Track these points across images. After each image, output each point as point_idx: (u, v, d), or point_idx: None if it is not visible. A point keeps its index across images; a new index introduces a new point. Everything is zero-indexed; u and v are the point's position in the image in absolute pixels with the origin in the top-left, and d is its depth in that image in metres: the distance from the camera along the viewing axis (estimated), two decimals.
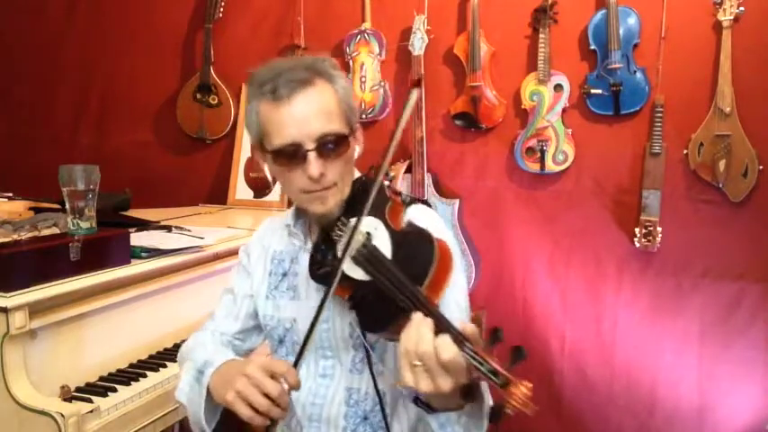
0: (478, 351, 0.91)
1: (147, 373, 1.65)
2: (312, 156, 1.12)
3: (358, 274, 1.09)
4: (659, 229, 2.38)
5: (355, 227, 1.09)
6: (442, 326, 0.94)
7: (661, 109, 2.36)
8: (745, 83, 2.27)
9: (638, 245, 2.42)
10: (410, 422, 1.26)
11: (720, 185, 2.32)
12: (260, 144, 1.20)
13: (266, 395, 1.04)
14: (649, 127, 2.40)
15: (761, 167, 2.27)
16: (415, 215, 1.21)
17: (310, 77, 1.14)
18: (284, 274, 1.32)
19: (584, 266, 2.56)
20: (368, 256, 1.08)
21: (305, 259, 1.26)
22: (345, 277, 1.10)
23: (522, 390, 0.88)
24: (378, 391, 1.22)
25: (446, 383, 0.91)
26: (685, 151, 2.37)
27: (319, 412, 1.25)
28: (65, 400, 1.44)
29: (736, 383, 2.38)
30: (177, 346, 1.82)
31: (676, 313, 2.45)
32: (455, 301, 1.16)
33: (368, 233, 1.11)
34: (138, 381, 1.60)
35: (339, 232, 1.15)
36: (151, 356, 1.75)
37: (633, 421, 2.53)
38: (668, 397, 2.47)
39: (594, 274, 2.55)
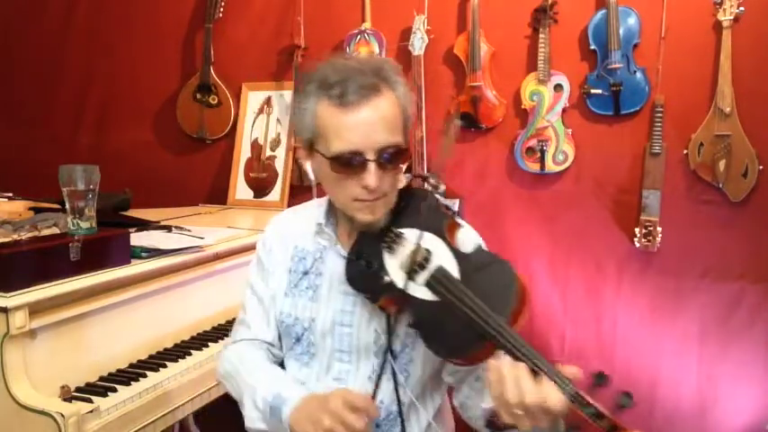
0: (580, 393, 0.91)
1: (147, 373, 1.64)
2: (372, 166, 1.11)
3: (422, 293, 1.08)
4: (659, 229, 2.38)
5: (417, 246, 1.07)
6: (538, 367, 0.94)
7: (661, 109, 2.36)
8: (745, 83, 2.27)
9: (638, 245, 2.42)
10: (420, 430, 1.26)
11: (720, 185, 2.32)
12: (311, 144, 1.17)
13: (352, 430, 1.05)
14: (649, 127, 2.40)
15: (761, 167, 2.27)
16: (468, 233, 1.21)
17: (378, 84, 1.12)
18: (305, 273, 1.29)
19: (584, 266, 2.56)
20: (439, 278, 1.07)
21: (332, 260, 1.25)
22: (398, 292, 1.09)
23: None
24: (399, 402, 1.21)
25: (546, 421, 0.93)
26: (685, 151, 2.37)
27: None
28: (65, 400, 1.44)
29: (736, 383, 2.38)
30: (177, 346, 1.84)
31: (676, 313, 2.45)
32: None
33: (427, 250, 1.10)
34: (138, 381, 1.60)
35: (393, 245, 1.14)
36: (151, 356, 1.75)
37: (633, 421, 2.52)
38: (668, 397, 2.47)
39: (594, 274, 2.55)
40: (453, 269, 1.09)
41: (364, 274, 1.15)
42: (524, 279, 1.05)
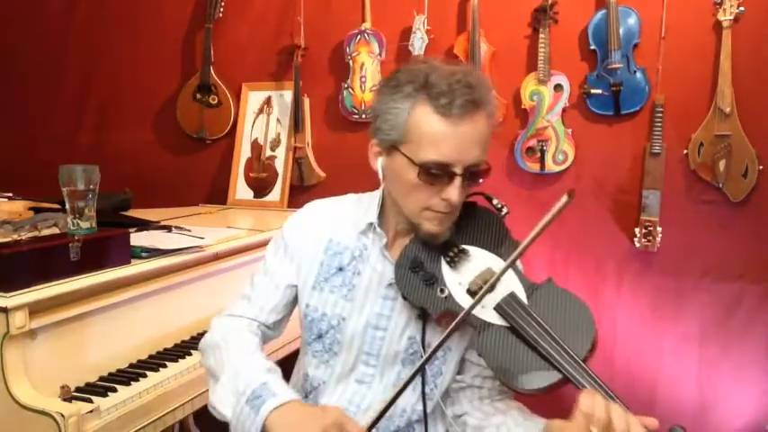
0: None
1: (147, 373, 1.64)
2: (458, 181, 1.11)
3: (489, 316, 1.06)
4: (659, 229, 2.38)
5: (497, 277, 1.05)
6: (624, 407, 0.94)
7: (661, 109, 2.36)
8: (745, 83, 2.27)
9: (638, 245, 2.42)
10: None
11: (720, 185, 2.32)
12: (394, 145, 1.14)
13: None
14: (649, 127, 2.40)
15: (761, 167, 2.27)
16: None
17: (481, 100, 1.11)
18: (340, 269, 1.25)
19: (584, 266, 2.56)
20: (513, 304, 1.06)
21: (376, 263, 1.23)
22: (458, 309, 1.08)
23: None
24: (425, 413, 1.19)
25: None
26: (685, 151, 2.37)
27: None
28: (65, 400, 1.44)
29: (736, 383, 2.38)
30: (177, 346, 1.84)
31: (676, 313, 2.45)
32: None
33: (497, 274, 1.07)
34: (138, 381, 1.60)
35: (454, 258, 1.13)
36: (151, 356, 1.75)
37: None
38: (668, 397, 2.47)
39: (594, 274, 2.55)
40: (523, 297, 1.08)
41: (419, 285, 1.13)
42: (594, 320, 1.03)
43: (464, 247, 1.14)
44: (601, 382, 0.97)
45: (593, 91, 2.45)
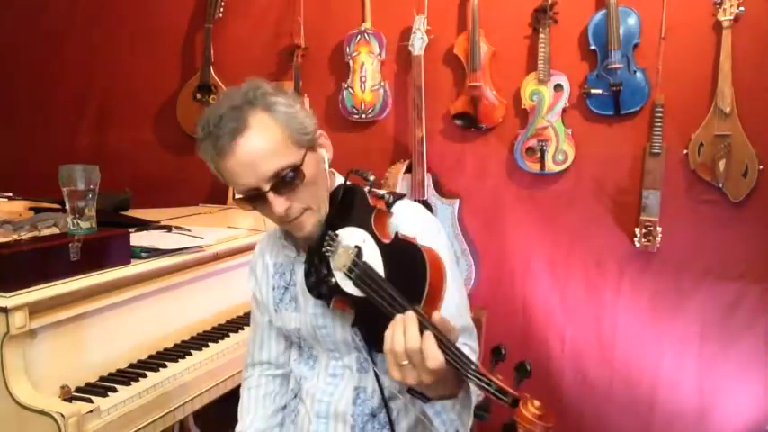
0: (484, 372, 0.91)
1: (147, 373, 1.64)
2: (271, 196, 1.13)
3: (354, 290, 1.10)
4: (659, 229, 2.38)
5: (339, 244, 1.09)
6: (441, 345, 0.93)
7: (661, 109, 2.36)
8: (745, 83, 2.27)
9: (638, 245, 2.42)
10: (414, 419, 1.27)
11: (720, 185, 2.32)
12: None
13: None
14: (649, 127, 2.40)
15: (761, 167, 2.27)
16: (402, 214, 1.19)
17: (244, 118, 1.11)
18: (286, 287, 1.34)
19: (584, 266, 2.56)
20: (360, 273, 1.07)
21: (300, 270, 1.27)
22: (343, 292, 1.11)
23: (531, 409, 0.88)
24: (381, 390, 1.23)
25: (429, 378, 0.93)
26: (685, 151, 2.37)
27: (327, 409, 1.28)
28: (65, 400, 1.44)
29: (736, 383, 2.38)
30: (177, 346, 1.84)
31: (676, 313, 2.45)
32: (455, 306, 1.16)
33: (357, 247, 1.10)
34: (138, 381, 1.60)
35: (329, 247, 1.14)
36: (151, 356, 1.75)
37: (633, 421, 2.52)
38: (668, 397, 2.47)
39: (594, 274, 2.55)
40: (378, 262, 1.08)
41: (316, 280, 1.17)
42: (432, 254, 1.01)
43: (335, 232, 1.15)
44: (430, 326, 0.95)
45: (593, 91, 2.45)
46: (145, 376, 1.63)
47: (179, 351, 1.80)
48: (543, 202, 2.60)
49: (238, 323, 2.04)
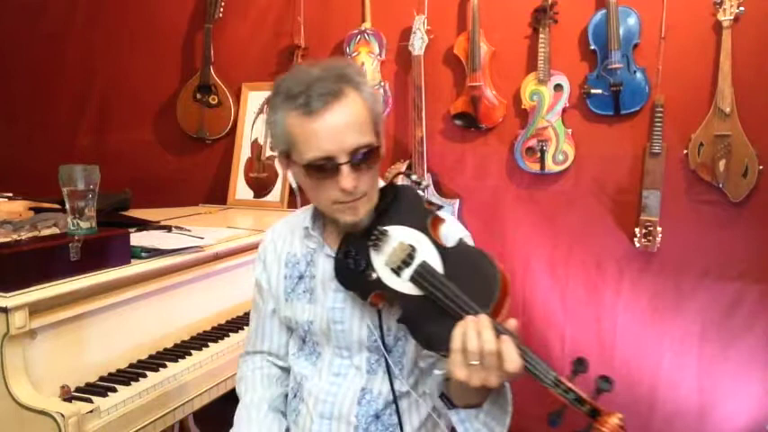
0: (563, 380, 0.94)
1: (147, 373, 1.64)
2: (346, 169, 1.12)
3: (405, 287, 1.10)
4: (659, 229, 2.38)
5: (401, 243, 1.10)
6: (521, 349, 0.96)
7: (661, 109, 2.36)
8: (745, 83, 2.27)
9: (638, 245, 2.42)
10: (420, 422, 1.28)
11: (720, 185, 2.31)
12: (286, 155, 1.19)
13: None
14: (649, 127, 2.40)
15: (761, 167, 2.27)
16: (451, 227, 1.22)
17: (341, 88, 1.13)
18: (300, 277, 1.33)
19: (584, 266, 2.56)
20: (421, 272, 1.09)
21: (323, 262, 1.29)
22: (385, 287, 1.12)
23: (613, 421, 0.91)
24: (394, 393, 1.24)
25: (498, 381, 0.96)
26: (685, 151, 2.37)
27: (330, 410, 1.27)
28: (65, 400, 1.44)
29: (736, 383, 2.38)
30: (177, 346, 1.84)
31: (676, 313, 2.45)
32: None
33: (411, 246, 1.13)
34: (138, 381, 1.60)
35: (376, 242, 1.16)
36: (151, 356, 1.75)
37: (633, 421, 2.52)
38: (668, 397, 2.47)
39: (594, 274, 2.55)
40: (437, 263, 1.11)
41: (352, 273, 1.18)
42: (506, 271, 1.06)
43: (384, 228, 1.17)
44: (505, 330, 0.99)
45: (593, 91, 2.45)
46: (145, 376, 1.63)
47: (179, 351, 1.80)
48: (543, 202, 2.60)
49: (238, 323, 2.04)
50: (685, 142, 2.37)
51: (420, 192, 1.22)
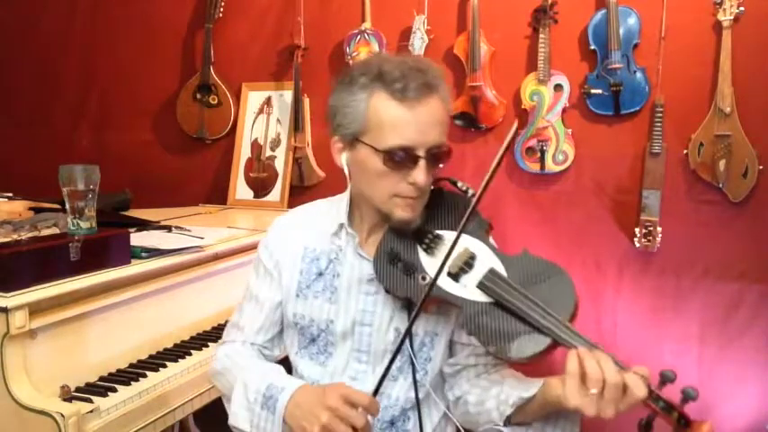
0: (653, 388, 0.99)
1: (147, 373, 1.64)
2: (423, 163, 1.13)
3: (470, 294, 1.09)
4: (659, 229, 2.38)
5: (465, 249, 1.11)
6: (616, 362, 0.98)
7: (661, 109, 2.36)
8: (745, 83, 2.27)
9: (638, 245, 2.42)
10: (432, 426, 1.27)
11: (720, 185, 2.31)
12: (355, 137, 1.16)
13: (352, 426, 1.04)
14: (649, 127, 2.40)
15: (761, 167, 2.27)
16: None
17: (434, 84, 1.13)
18: (320, 274, 1.28)
19: (584, 266, 2.56)
20: (493, 278, 1.09)
21: (351, 261, 1.25)
22: (444, 293, 1.10)
23: (705, 428, 0.94)
24: (418, 400, 1.22)
25: (611, 410, 0.98)
26: (685, 151, 2.37)
27: None
28: (65, 400, 1.44)
29: (736, 383, 2.38)
30: (177, 346, 1.84)
31: (676, 313, 2.45)
32: None
33: (472, 252, 1.12)
34: (138, 381, 1.60)
35: (430, 244, 1.15)
36: (151, 356, 1.75)
37: (633, 421, 2.52)
38: (668, 397, 2.46)
39: (594, 274, 2.55)
40: (501, 270, 1.11)
41: (400, 277, 1.15)
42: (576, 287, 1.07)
43: (438, 232, 1.17)
44: (588, 340, 1.01)
45: (593, 91, 2.45)
46: (145, 376, 1.63)
47: (179, 351, 1.80)
48: (543, 202, 2.60)
49: None
50: (685, 142, 2.37)
51: (468, 198, 1.22)
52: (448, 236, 1.15)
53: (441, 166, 1.17)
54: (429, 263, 1.14)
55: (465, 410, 1.21)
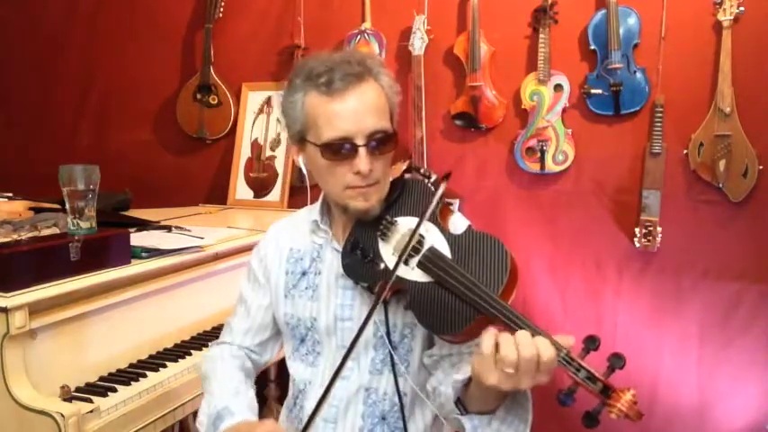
0: (574, 357, 0.96)
1: (147, 373, 1.65)
2: (363, 151, 1.13)
3: (414, 275, 1.11)
4: (659, 229, 2.38)
5: (415, 230, 1.11)
6: (535, 331, 0.97)
7: (661, 109, 2.36)
8: (745, 83, 2.27)
9: (638, 245, 2.42)
10: (425, 423, 1.27)
11: (720, 185, 2.32)
12: (301, 137, 1.20)
13: None
14: (649, 127, 2.40)
15: (761, 167, 2.27)
16: (460, 217, 1.23)
17: (364, 73, 1.15)
18: (303, 273, 1.31)
19: (584, 266, 2.56)
20: (431, 257, 1.10)
21: (330, 257, 1.28)
22: (394, 277, 1.11)
23: (626, 397, 0.92)
24: (399, 392, 1.22)
25: (528, 383, 0.96)
26: (685, 151, 2.37)
27: (335, 414, 1.25)
28: (65, 400, 1.44)
29: (736, 383, 2.38)
30: (177, 346, 1.84)
31: (676, 313, 2.45)
32: None
33: (420, 235, 1.13)
34: (138, 381, 1.60)
35: (386, 231, 1.17)
36: (151, 356, 1.75)
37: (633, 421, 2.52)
38: (668, 397, 2.47)
39: (594, 274, 2.55)
40: (445, 249, 1.12)
41: (360, 264, 1.17)
42: (514, 254, 1.08)
43: (393, 218, 1.18)
44: (515, 312, 1.00)
45: (593, 91, 2.45)
46: (145, 376, 1.63)
47: (179, 351, 1.80)
48: (543, 202, 2.60)
49: None
50: (685, 142, 2.37)
51: (429, 185, 1.22)
52: (401, 220, 1.17)
53: (387, 152, 1.17)
54: (385, 248, 1.16)
55: (440, 402, 1.21)
